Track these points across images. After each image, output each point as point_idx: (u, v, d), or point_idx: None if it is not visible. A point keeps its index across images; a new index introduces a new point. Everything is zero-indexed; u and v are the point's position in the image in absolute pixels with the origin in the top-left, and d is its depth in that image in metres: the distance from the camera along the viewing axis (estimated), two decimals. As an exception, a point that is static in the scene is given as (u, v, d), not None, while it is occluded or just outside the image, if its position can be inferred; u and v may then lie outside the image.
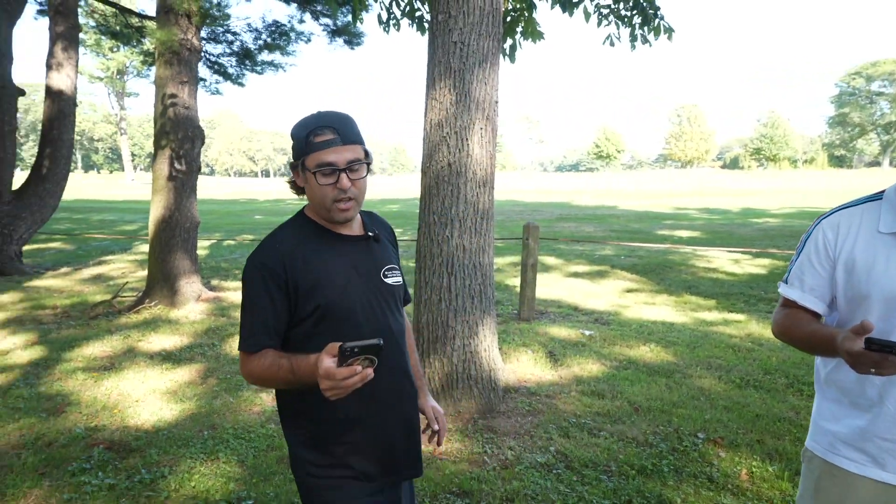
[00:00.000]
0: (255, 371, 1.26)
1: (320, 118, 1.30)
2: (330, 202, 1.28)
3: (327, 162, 1.26)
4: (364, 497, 1.34)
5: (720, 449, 2.95)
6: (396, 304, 1.41)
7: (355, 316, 1.30)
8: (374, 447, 1.35)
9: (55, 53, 8.24)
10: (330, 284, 1.29)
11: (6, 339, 5.02)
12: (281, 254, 1.28)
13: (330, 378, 1.06)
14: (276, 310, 1.27)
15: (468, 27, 3.22)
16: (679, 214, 19.71)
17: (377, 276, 1.37)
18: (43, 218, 8.55)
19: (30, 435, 3.15)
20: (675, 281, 8.01)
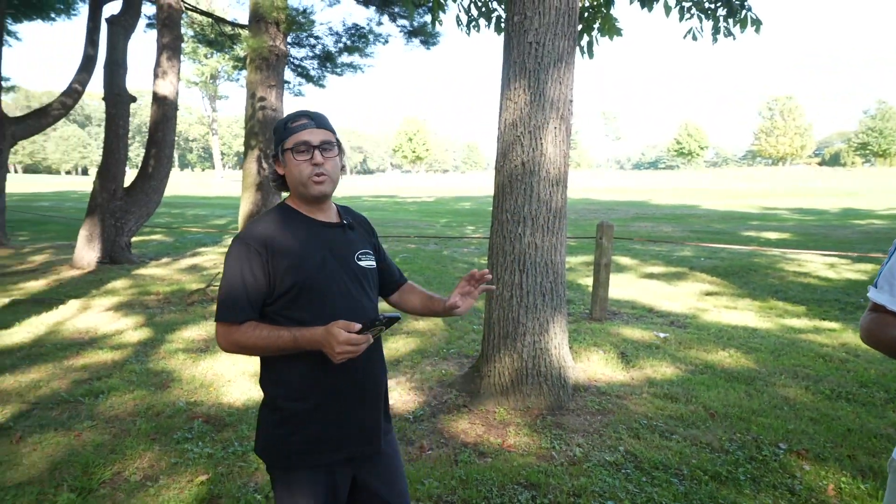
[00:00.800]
0: (243, 340, 1.40)
1: (299, 111, 1.50)
2: (306, 177, 1.44)
3: (303, 140, 1.43)
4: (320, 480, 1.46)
5: (804, 461, 2.82)
6: (369, 285, 1.55)
7: (330, 293, 1.44)
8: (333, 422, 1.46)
9: (161, 63, 9.03)
10: (307, 264, 1.43)
11: (120, 321, 5.61)
12: (263, 236, 1.42)
13: (352, 343, 1.26)
14: (256, 285, 1.41)
15: (543, 27, 3.25)
16: (768, 215, 18.50)
17: (351, 258, 1.51)
18: (148, 212, 9.41)
19: (142, 405, 3.54)
20: (761, 285, 7.58)
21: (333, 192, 1.51)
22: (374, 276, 1.57)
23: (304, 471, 1.45)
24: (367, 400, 1.51)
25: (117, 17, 9.04)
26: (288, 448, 1.45)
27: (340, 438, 1.47)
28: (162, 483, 2.65)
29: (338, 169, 1.50)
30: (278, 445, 1.46)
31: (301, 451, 1.45)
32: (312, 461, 1.45)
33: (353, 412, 1.48)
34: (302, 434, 1.44)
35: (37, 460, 2.84)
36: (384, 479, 1.56)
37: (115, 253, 8.94)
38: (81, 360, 4.45)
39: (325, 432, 1.45)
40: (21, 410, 3.43)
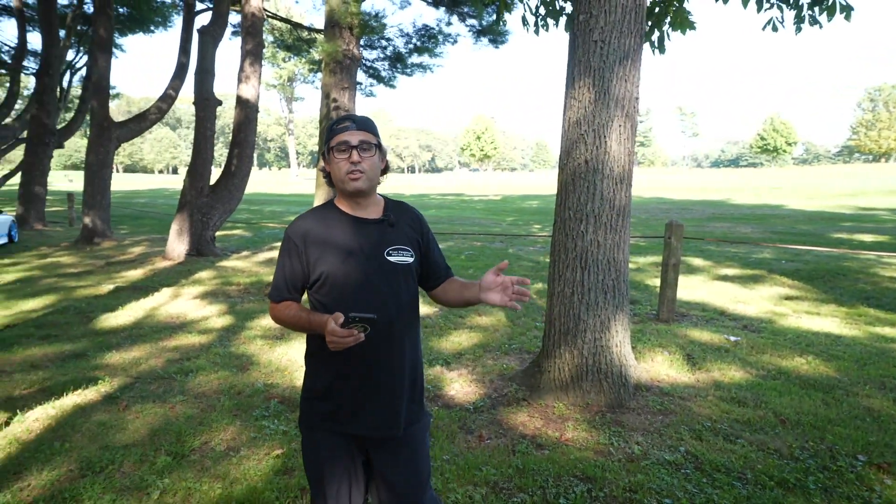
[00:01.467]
0: (279, 316, 1.63)
1: (343, 115, 1.66)
2: (344, 174, 1.58)
3: (343, 140, 1.58)
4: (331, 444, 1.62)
5: (885, 475, 2.67)
6: (399, 280, 1.62)
7: (351, 284, 1.57)
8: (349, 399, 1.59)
9: (244, 68, 9.65)
10: (333, 256, 1.58)
11: (205, 308, 6.10)
12: (302, 229, 1.61)
13: (333, 335, 1.41)
14: (293, 272, 1.61)
15: (609, 25, 3.25)
16: (863, 216, 17.10)
17: (381, 253, 1.60)
18: (231, 209, 10.09)
19: (225, 384, 3.87)
20: (849, 290, 7.08)
21: (373, 190, 1.64)
22: (406, 272, 1.64)
23: (325, 433, 1.63)
24: (381, 388, 1.59)
25: (207, 28, 9.75)
26: (312, 414, 1.65)
27: (354, 417, 1.60)
28: (243, 454, 2.91)
29: (376, 168, 1.61)
30: (306, 410, 1.67)
31: (322, 418, 1.63)
32: (329, 427, 1.62)
33: (366, 397, 1.59)
34: (322, 405, 1.63)
35: (139, 426, 3.19)
36: (399, 467, 1.64)
37: (202, 246, 9.66)
38: (174, 341, 4.90)
39: (341, 409, 1.60)
40: (126, 383, 3.86)
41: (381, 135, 1.69)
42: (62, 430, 3.13)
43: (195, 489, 2.57)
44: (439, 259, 1.78)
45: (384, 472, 1.65)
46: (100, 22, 11.17)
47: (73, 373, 4.04)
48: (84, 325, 5.45)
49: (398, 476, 1.64)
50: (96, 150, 11.36)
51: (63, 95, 17.46)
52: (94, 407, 3.46)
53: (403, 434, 1.64)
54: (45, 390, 3.69)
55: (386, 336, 1.58)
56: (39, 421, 3.24)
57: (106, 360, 4.38)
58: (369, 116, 1.66)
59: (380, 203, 1.69)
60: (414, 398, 1.67)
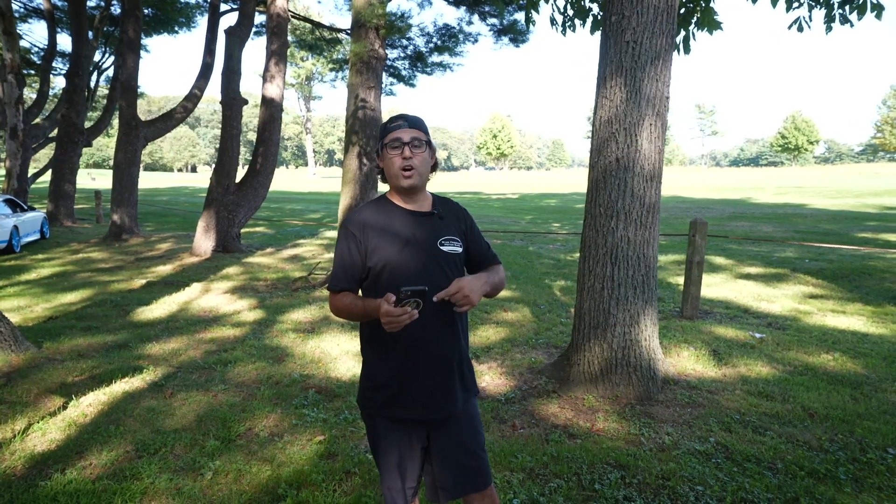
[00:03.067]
0: (338, 305, 1.71)
1: (397, 114, 1.75)
2: (397, 169, 1.68)
3: (396, 137, 1.69)
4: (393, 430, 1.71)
5: (914, 467, 2.72)
6: (450, 268, 1.71)
7: (408, 271, 1.65)
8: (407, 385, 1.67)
9: (269, 67, 9.84)
10: (390, 245, 1.67)
11: (237, 303, 6.27)
12: (360, 221, 1.71)
13: (388, 315, 1.50)
14: (352, 261, 1.69)
15: (641, 26, 3.32)
16: (889, 215, 16.84)
17: (434, 243, 1.70)
18: (256, 206, 10.30)
19: (263, 375, 4.02)
20: (876, 289, 7.04)
21: (424, 185, 1.75)
22: (456, 260, 1.74)
23: (384, 420, 1.72)
24: (436, 371, 1.68)
25: (234, 28, 9.96)
26: (372, 402, 1.74)
27: (411, 402, 1.69)
28: (286, 440, 3.05)
29: (426, 164, 1.72)
30: (366, 399, 1.76)
31: (380, 406, 1.72)
32: (388, 414, 1.71)
33: (420, 381, 1.68)
34: (380, 393, 1.71)
35: (186, 412, 3.35)
36: (459, 440, 1.74)
37: (228, 243, 9.87)
38: (209, 334, 5.07)
39: (398, 395, 1.69)
40: (169, 372, 4.02)
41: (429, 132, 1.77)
42: (115, 415, 3.30)
43: (245, 470, 2.71)
44: (484, 247, 1.88)
45: (445, 449, 1.73)
46: (128, 23, 11.45)
47: (118, 362, 4.22)
48: (122, 317, 5.66)
49: (460, 450, 1.73)
50: (125, 149, 11.66)
51: (91, 95, 17.88)
52: (141, 394, 3.63)
53: (460, 411, 1.73)
54: (95, 377, 3.87)
55: (440, 320, 1.67)
56: (93, 406, 3.41)
57: (147, 350, 4.56)
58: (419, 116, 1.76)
59: (428, 198, 1.80)
60: (465, 376, 1.77)
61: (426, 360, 1.69)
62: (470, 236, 1.83)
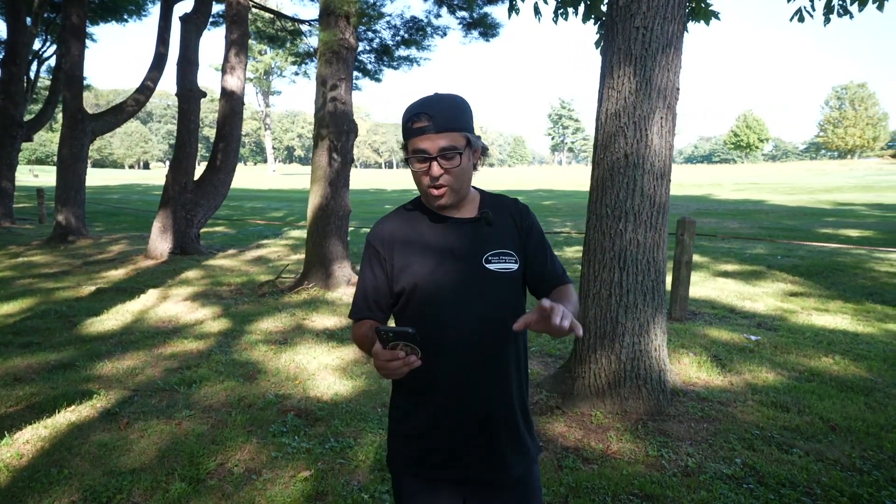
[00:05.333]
0: (357, 337, 1.38)
1: (421, 104, 1.29)
2: (425, 187, 1.32)
3: (420, 149, 1.28)
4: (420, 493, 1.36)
5: (951, 484, 2.55)
6: (499, 292, 1.33)
7: (439, 299, 1.30)
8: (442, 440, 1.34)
9: (229, 58, 9.23)
10: (420, 266, 1.32)
11: (198, 311, 5.75)
12: (383, 235, 1.37)
13: (376, 357, 1.13)
14: (376, 284, 1.36)
15: (652, 11, 3.06)
16: (843, 211, 17.41)
17: (478, 260, 1.32)
18: (216, 205, 9.68)
19: (233, 396, 3.58)
20: (851, 286, 7.08)
21: (463, 195, 1.35)
22: (510, 282, 1.34)
23: (413, 478, 1.38)
24: (480, 425, 1.33)
25: (190, 16, 9.30)
26: (397, 456, 1.40)
27: (448, 461, 1.34)
28: (266, 477, 2.65)
29: (463, 174, 1.31)
30: (392, 451, 1.43)
31: (409, 463, 1.38)
32: (417, 473, 1.37)
33: (461, 437, 1.33)
34: (409, 447, 1.37)
35: (145, 447, 2.89)
36: None
37: (186, 244, 9.23)
38: (169, 348, 4.57)
39: (431, 452, 1.35)
40: (124, 397, 3.53)
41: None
42: (58, 454, 2.82)
43: (219, 520, 2.31)
44: (550, 262, 1.42)
45: None
46: (72, 8, 10.58)
47: (63, 386, 3.70)
48: (68, 330, 5.08)
49: None
50: (70, 144, 10.78)
51: (30, 86, 16.63)
52: (91, 425, 3.14)
53: (512, 480, 1.36)
54: (34, 407, 3.35)
55: (484, 362, 1.31)
56: (31, 443, 2.92)
57: (98, 370, 4.05)
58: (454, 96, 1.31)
59: (475, 198, 1.41)
60: (520, 437, 1.38)
61: (465, 414, 1.33)
62: (529, 247, 1.39)
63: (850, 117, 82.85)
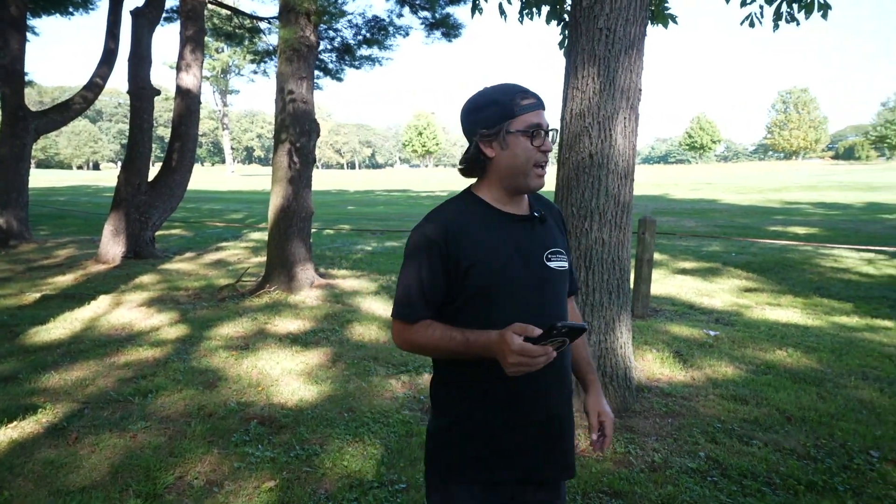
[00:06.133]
0: (418, 340, 1.28)
1: (517, 86, 1.31)
2: (531, 166, 1.28)
3: (537, 123, 1.26)
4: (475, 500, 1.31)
5: (901, 470, 2.67)
6: (558, 289, 1.35)
7: (510, 299, 1.27)
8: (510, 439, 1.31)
9: (184, 55, 8.92)
10: (489, 263, 1.27)
11: (154, 317, 5.52)
12: (445, 228, 1.27)
13: (525, 354, 1.08)
14: (434, 282, 1.27)
15: (615, 13, 3.09)
16: (791, 209, 18.21)
17: (540, 258, 1.32)
18: (172, 206, 9.34)
19: (192, 405, 3.44)
20: (800, 281, 7.40)
21: None
22: (565, 280, 1.37)
23: (466, 485, 1.32)
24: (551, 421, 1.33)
25: (142, 10, 8.95)
26: (451, 461, 1.33)
27: (507, 456, 1.32)
28: (228, 489, 2.55)
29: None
30: (442, 456, 1.35)
31: (461, 466, 1.32)
32: (474, 477, 1.31)
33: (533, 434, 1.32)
34: (469, 447, 1.31)
35: (97, 463, 2.74)
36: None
37: (140, 248, 8.87)
38: (123, 357, 4.36)
39: (490, 447, 1.31)
40: (73, 410, 3.34)
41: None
42: (0, 475, 2.63)
43: (178, 537, 2.20)
44: (572, 267, 1.49)
45: None
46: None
47: (4, 401, 3.47)
48: (9, 341, 4.78)
49: None
50: (10, 143, 10.20)
51: (-33, 82, 15.67)
52: (36, 442, 2.96)
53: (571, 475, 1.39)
54: (-27, 424, 3.13)
55: (554, 370, 1.28)
56: (-30, 463, 2.72)
57: (43, 382, 3.82)
58: None
59: (525, 197, 1.38)
60: (573, 438, 1.42)
61: (537, 413, 1.31)
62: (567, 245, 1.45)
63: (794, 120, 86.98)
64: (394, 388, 3.77)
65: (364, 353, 4.49)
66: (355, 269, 8.21)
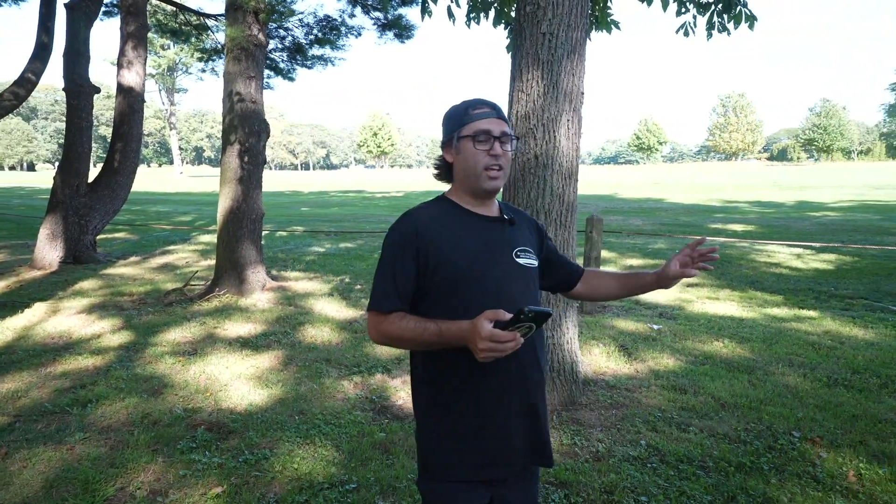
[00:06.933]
0: (392, 331, 1.34)
1: (476, 99, 1.45)
2: (481, 169, 1.38)
3: (483, 129, 1.37)
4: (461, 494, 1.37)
5: (820, 448, 2.88)
6: (529, 285, 1.44)
7: (480, 290, 1.34)
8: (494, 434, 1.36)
9: (126, 52, 8.59)
10: (458, 259, 1.35)
11: (95, 324, 5.30)
12: (417, 225, 1.38)
13: (494, 339, 1.14)
14: (406, 275, 1.36)
15: (557, 18, 3.20)
16: (730, 208, 19.12)
17: (509, 254, 1.41)
18: (115, 209, 8.96)
19: (136, 414, 3.33)
20: (737, 276, 7.80)
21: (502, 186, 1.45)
22: (534, 276, 1.47)
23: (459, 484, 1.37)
24: (528, 411, 1.39)
25: (78, 3, 8.54)
26: (444, 462, 1.37)
27: (502, 453, 1.37)
28: (173, 498, 2.49)
29: (510, 164, 1.45)
30: (436, 460, 1.39)
31: (458, 464, 1.36)
32: (463, 476, 1.37)
33: (514, 425, 1.38)
34: (457, 446, 1.36)
35: (29, 479, 2.62)
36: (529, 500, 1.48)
37: (80, 252, 8.48)
38: (60, 366, 4.17)
39: (476, 447, 1.36)
40: (3, 424, 3.18)
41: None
42: (-76, 493, 2.49)
43: (120, 549, 2.14)
44: (566, 258, 1.65)
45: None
46: (-67, -11, 9.38)
47: (-72, 416, 3.27)
48: (-66, 353, 4.49)
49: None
50: (-66, 143, 9.55)
51: None
52: (-36, 457, 2.80)
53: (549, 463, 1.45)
54: None
55: (526, 351, 1.33)
56: None
57: (-28, 395, 3.61)
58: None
59: (495, 202, 1.50)
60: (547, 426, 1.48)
61: (515, 404, 1.37)
62: (546, 248, 1.59)
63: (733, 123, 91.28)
64: (346, 389, 3.76)
65: (316, 355, 4.45)
66: (308, 271, 8.11)
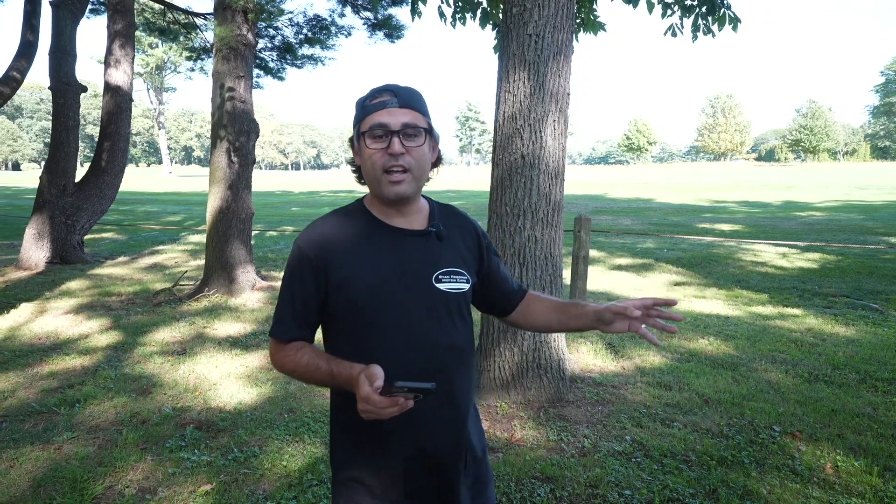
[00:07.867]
0: (287, 364, 1.19)
1: (380, 86, 1.19)
2: (380, 171, 1.14)
3: (379, 123, 1.13)
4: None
5: (799, 442, 2.94)
6: (452, 313, 1.22)
7: (385, 321, 1.16)
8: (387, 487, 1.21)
9: (113, 50, 8.53)
10: (361, 281, 1.15)
11: (82, 324, 5.27)
12: (319, 240, 1.18)
13: (369, 403, 0.99)
14: (306, 299, 1.18)
15: (543, 19, 3.24)
16: (718, 208, 19.31)
17: (428, 279, 1.18)
18: (102, 209, 8.90)
19: (124, 413, 3.33)
20: (723, 274, 7.90)
21: (418, 192, 1.22)
22: (461, 302, 1.24)
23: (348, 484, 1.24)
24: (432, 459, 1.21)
25: (63, 1, 8.47)
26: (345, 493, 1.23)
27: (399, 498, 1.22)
28: (162, 495, 2.50)
29: (425, 162, 1.18)
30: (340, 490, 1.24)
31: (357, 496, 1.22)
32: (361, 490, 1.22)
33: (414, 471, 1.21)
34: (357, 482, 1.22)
35: (17, 478, 2.62)
36: None
37: (67, 252, 8.41)
38: (47, 367, 4.15)
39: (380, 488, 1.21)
40: (-10, 424, 3.17)
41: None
42: None
43: (109, 546, 2.15)
44: (506, 277, 1.38)
45: None
46: (-84, -14, 9.27)
47: (-87, 416, 3.25)
48: (-81, 354, 4.45)
49: None
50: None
51: None
52: (-50, 457, 2.79)
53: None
54: None
55: (438, 393, 1.09)
56: None
57: (-42, 396, 3.59)
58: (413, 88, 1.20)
59: (424, 208, 1.26)
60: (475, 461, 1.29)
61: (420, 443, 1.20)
62: (486, 265, 1.33)
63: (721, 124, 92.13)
64: (335, 387, 3.78)
65: (306, 354, 4.46)
66: (298, 271, 8.10)
